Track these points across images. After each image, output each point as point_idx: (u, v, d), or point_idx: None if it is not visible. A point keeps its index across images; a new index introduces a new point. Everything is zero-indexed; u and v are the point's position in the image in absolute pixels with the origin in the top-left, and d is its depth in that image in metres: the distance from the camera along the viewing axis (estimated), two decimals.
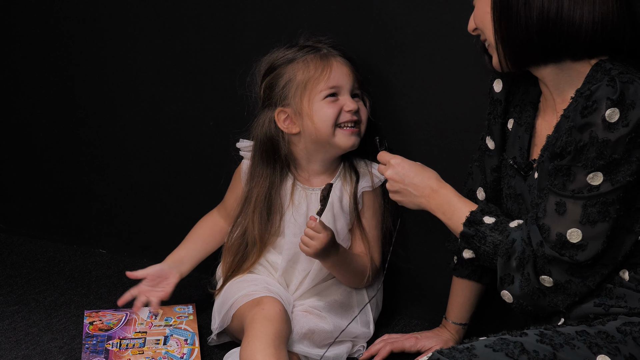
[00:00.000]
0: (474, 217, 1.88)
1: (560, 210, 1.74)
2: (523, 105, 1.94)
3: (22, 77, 2.72)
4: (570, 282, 1.77)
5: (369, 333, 2.25)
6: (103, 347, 2.19)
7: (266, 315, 2.07)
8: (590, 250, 1.73)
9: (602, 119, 1.67)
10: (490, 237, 1.85)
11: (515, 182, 1.94)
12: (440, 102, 2.23)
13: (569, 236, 1.73)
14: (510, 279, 1.81)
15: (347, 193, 2.23)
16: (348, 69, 2.17)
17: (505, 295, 1.84)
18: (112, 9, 2.53)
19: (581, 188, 1.72)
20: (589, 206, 1.72)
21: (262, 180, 2.22)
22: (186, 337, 2.23)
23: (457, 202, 1.93)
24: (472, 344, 1.68)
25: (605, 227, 1.72)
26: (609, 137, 1.68)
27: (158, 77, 2.54)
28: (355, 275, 2.22)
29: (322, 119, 2.15)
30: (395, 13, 2.22)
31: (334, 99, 2.16)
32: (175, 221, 2.54)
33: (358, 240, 2.25)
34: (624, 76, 1.70)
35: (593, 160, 1.69)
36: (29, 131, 2.76)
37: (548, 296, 1.79)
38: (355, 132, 2.18)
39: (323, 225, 2.09)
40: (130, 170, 2.66)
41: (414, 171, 1.97)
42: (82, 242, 2.78)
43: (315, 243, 2.08)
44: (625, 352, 1.71)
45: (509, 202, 1.96)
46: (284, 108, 2.18)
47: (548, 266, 1.76)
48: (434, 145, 2.27)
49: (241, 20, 2.39)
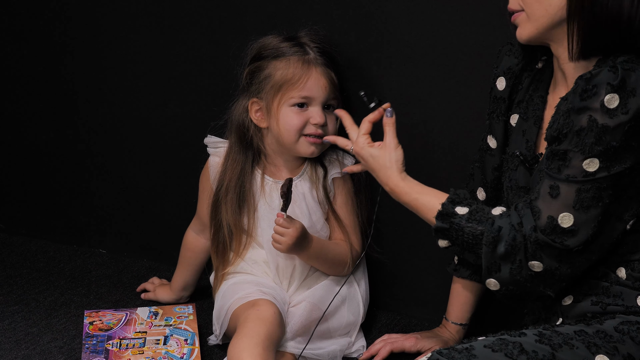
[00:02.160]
0: (445, 209, 1.85)
1: (554, 193, 1.73)
2: (530, 99, 1.94)
3: (22, 77, 2.72)
4: (559, 268, 1.75)
5: (357, 321, 2.26)
6: (103, 347, 2.19)
7: (259, 315, 2.08)
8: (581, 236, 1.72)
9: (600, 103, 1.66)
10: (468, 228, 1.82)
11: (518, 174, 1.93)
12: (440, 102, 2.23)
13: (560, 220, 1.72)
14: (497, 267, 1.79)
15: (317, 183, 2.25)
16: (326, 80, 2.17)
17: (491, 283, 1.81)
18: (112, 9, 2.53)
19: (576, 173, 1.71)
20: (583, 191, 1.71)
21: (236, 165, 2.24)
22: (186, 337, 2.23)
23: (420, 197, 1.90)
24: (471, 344, 1.68)
25: (597, 212, 1.71)
26: (608, 123, 1.66)
27: (158, 77, 2.54)
28: (335, 264, 2.23)
29: (286, 126, 2.17)
30: (396, 12, 2.22)
31: (304, 109, 2.17)
32: (175, 221, 2.54)
33: (335, 228, 2.27)
34: (627, 64, 1.68)
35: (591, 145, 1.68)
36: (29, 131, 2.76)
37: (537, 281, 1.77)
38: (318, 142, 2.19)
39: (290, 219, 2.11)
40: (130, 170, 2.66)
41: (371, 166, 1.97)
42: (82, 242, 2.78)
43: (285, 239, 2.10)
44: (624, 351, 1.71)
45: (510, 194, 1.95)
46: (258, 100, 2.20)
47: (539, 252, 1.75)
48: (433, 146, 2.27)
49: (242, 20, 2.39)
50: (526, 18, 1.80)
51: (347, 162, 2.27)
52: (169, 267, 2.50)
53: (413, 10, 2.21)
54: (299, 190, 2.23)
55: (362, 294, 2.28)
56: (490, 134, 2.01)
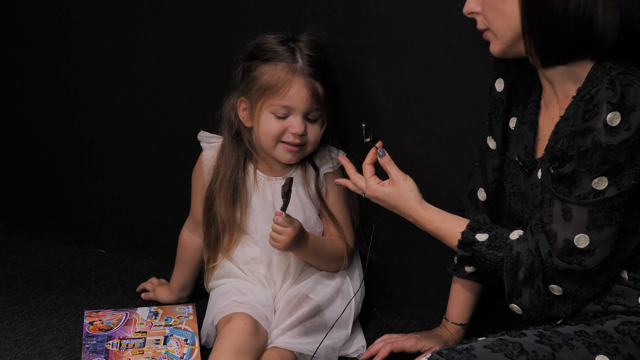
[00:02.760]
0: (465, 238, 1.87)
1: (567, 216, 1.73)
2: (526, 103, 1.94)
3: (22, 77, 2.72)
4: (579, 290, 1.76)
5: (351, 313, 2.25)
6: (103, 347, 2.19)
7: (230, 329, 2.12)
8: (599, 256, 1.73)
9: (603, 123, 1.66)
10: (489, 254, 1.84)
11: (520, 180, 1.93)
12: (440, 102, 2.23)
13: (576, 242, 1.73)
14: (518, 292, 1.81)
15: (310, 179, 2.25)
16: (308, 92, 2.15)
17: (514, 308, 1.83)
18: (112, 9, 2.53)
19: (587, 194, 1.71)
20: (595, 212, 1.71)
21: (230, 159, 2.25)
22: (186, 337, 2.23)
23: (442, 226, 1.92)
24: (471, 345, 1.68)
25: (612, 231, 1.71)
26: (612, 141, 1.67)
27: (158, 77, 2.54)
28: (331, 259, 2.25)
29: (265, 131, 2.18)
30: (397, 12, 2.22)
31: (283, 118, 2.17)
32: (175, 221, 2.53)
33: (329, 223, 2.28)
34: (624, 78, 1.68)
35: (597, 165, 1.68)
36: (29, 131, 2.76)
37: (557, 305, 1.78)
38: (296, 150, 2.19)
39: (289, 218, 2.12)
40: (130, 170, 2.66)
41: (390, 203, 1.98)
42: (82, 242, 2.78)
43: (284, 237, 2.12)
44: (624, 352, 1.71)
45: (513, 200, 1.95)
46: (245, 100, 2.20)
47: (557, 277, 1.75)
48: (433, 146, 2.27)
49: (242, 20, 2.39)
50: (493, 35, 1.83)
51: (337, 154, 2.26)
52: (168, 267, 2.50)
53: (413, 10, 2.21)
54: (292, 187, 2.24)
55: (355, 287, 2.29)
56: (489, 135, 2.02)
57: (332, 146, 2.29)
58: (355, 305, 2.27)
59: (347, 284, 2.28)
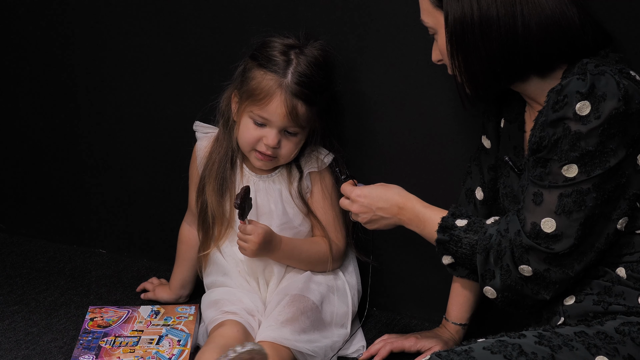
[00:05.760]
0: (445, 222, 1.90)
1: (537, 200, 1.75)
2: (513, 102, 1.95)
3: (22, 77, 2.72)
4: (548, 270, 1.77)
5: (349, 311, 2.25)
6: (96, 344, 2.20)
7: (221, 332, 2.13)
8: (566, 241, 1.74)
9: (573, 112, 1.69)
10: (466, 238, 1.87)
11: (511, 180, 1.94)
12: (440, 102, 2.23)
13: (542, 225, 1.74)
14: (491, 274, 1.83)
15: (293, 179, 2.26)
16: (286, 110, 2.14)
17: (489, 291, 1.85)
18: (112, 10, 2.53)
19: (557, 179, 1.73)
20: (565, 196, 1.73)
21: (221, 148, 2.26)
22: (180, 337, 2.23)
23: (425, 212, 1.95)
24: (470, 347, 1.68)
25: (580, 216, 1.73)
26: (581, 129, 1.69)
27: (158, 78, 2.54)
28: (312, 262, 2.26)
29: (242, 135, 2.20)
30: (395, 11, 2.22)
31: (261, 125, 2.17)
32: (175, 221, 2.53)
33: (315, 224, 2.29)
34: (597, 68, 1.71)
35: (566, 152, 1.71)
36: (28, 131, 2.76)
37: (529, 285, 1.79)
38: (268, 160, 2.20)
39: (255, 224, 2.14)
40: (130, 170, 2.66)
41: (377, 196, 2.01)
42: (82, 242, 2.78)
43: (249, 245, 2.15)
44: (624, 352, 1.71)
45: (506, 201, 1.97)
46: (237, 95, 2.22)
47: (526, 255, 1.77)
48: (432, 146, 2.27)
49: (242, 21, 2.38)
50: (448, 66, 1.87)
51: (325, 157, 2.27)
52: (168, 267, 2.50)
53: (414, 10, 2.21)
54: (276, 186, 2.24)
55: (351, 283, 2.29)
56: (484, 134, 2.03)
57: (324, 148, 2.28)
58: (353, 303, 2.27)
59: (342, 281, 2.28)
